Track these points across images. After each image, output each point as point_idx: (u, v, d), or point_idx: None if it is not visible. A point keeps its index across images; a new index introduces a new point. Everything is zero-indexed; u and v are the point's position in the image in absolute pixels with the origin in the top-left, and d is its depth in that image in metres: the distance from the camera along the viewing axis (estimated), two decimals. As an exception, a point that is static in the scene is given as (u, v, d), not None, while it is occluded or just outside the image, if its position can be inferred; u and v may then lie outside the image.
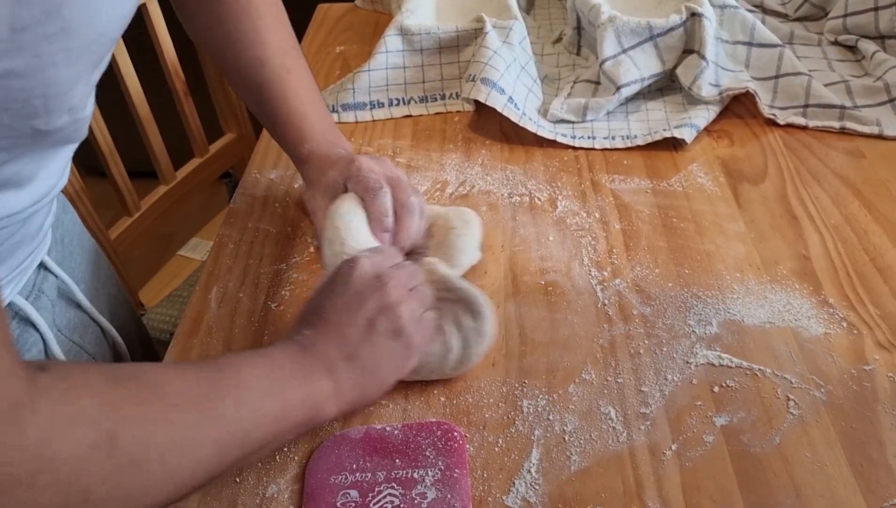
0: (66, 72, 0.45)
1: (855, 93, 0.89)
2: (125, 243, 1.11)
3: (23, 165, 0.51)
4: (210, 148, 1.26)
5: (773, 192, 0.78)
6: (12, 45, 0.40)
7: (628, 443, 0.54)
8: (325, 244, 0.64)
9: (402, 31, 0.94)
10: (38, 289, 0.66)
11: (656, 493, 0.51)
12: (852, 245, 0.70)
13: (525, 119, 0.86)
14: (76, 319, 0.70)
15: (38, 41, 0.42)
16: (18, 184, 0.53)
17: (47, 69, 0.43)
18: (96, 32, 0.46)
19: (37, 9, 0.40)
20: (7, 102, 0.43)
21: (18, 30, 0.40)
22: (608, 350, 0.61)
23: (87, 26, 0.45)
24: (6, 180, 0.51)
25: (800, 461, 0.52)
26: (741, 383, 0.58)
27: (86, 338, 0.71)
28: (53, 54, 0.43)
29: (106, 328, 0.74)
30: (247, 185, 0.83)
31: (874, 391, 0.57)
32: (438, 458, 0.52)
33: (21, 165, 0.51)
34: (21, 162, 0.51)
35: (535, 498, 0.51)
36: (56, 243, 0.70)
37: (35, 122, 0.46)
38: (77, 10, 0.43)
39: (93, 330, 0.73)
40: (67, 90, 0.47)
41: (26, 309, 0.62)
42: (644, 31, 0.88)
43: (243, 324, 0.65)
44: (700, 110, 0.87)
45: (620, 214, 0.75)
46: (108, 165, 1.06)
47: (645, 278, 0.68)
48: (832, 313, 0.63)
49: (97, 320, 0.73)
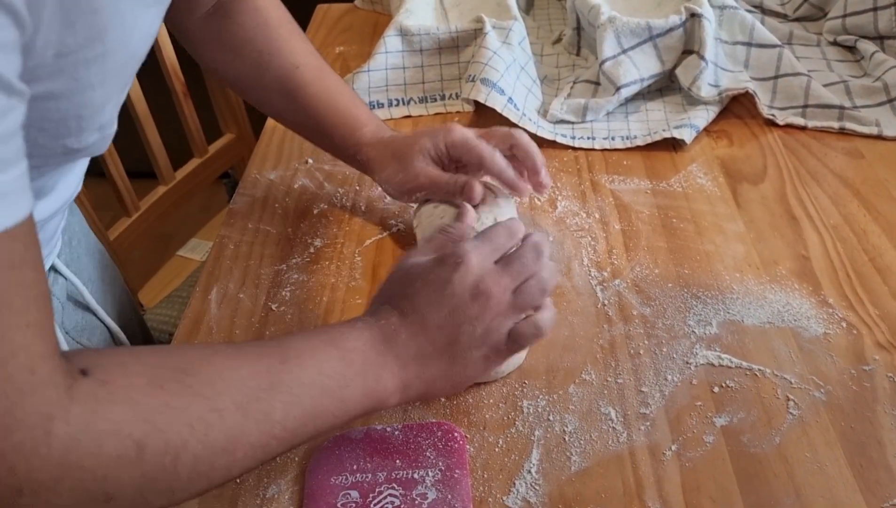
0: (101, 93, 0.46)
1: (854, 93, 0.89)
2: (125, 243, 1.11)
3: (48, 177, 0.52)
4: (209, 148, 1.26)
5: (773, 192, 0.78)
6: (54, 69, 0.40)
7: (628, 443, 0.54)
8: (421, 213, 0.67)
9: (401, 32, 0.94)
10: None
11: (656, 493, 0.51)
12: (851, 245, 0.70)
13: (525, 119, 0.86)
14: (84, 321, 0.71)
15: (78, 65, 0.42)
16: (40, 194, 0.53)
17: (85, 91, 0.44)
18: (128, 53, 0.47)
19: (82, 35, 0.41)
20: (42, 123, 0.43)
21: (63, 55, 0.40)
22: (608, 351, 0.61)
23: (123, 48, 0.45)
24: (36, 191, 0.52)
25: (800, 461, 0.52)
26: (741, 383, 0.58)
27: (93, 340, 0.71)
28: (91, 77, 0.43)
29: (114, 330, 0.74)
30: (246, 185, 0.83)
31: (874, 391, 0.57)
32: (439, 459, 0.52)
33: (46, 178, 0.52)
34: (47, 175, 0.51)
35: (536, 499, 0.51)
36: (65, 245, 0.70)
37: (67, 141, 0.47)
38: (117, 34, 0.43)
39: (100, 331, 0.73)
40: (99, 110, 0.47)
41: None
42: (643, 31, 0.88)
43: (244, 325, 0.65)
44: (699, 111, 0.87)
45: (620, 214, 0.76)
46: (107, 166, 1.06)
47: (645, 278, 0.68)
48: (832, 313, 0.63)
49: (105, 321, 0.73)
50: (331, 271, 0.71)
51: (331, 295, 0.68)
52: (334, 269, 0.71)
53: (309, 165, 0.85)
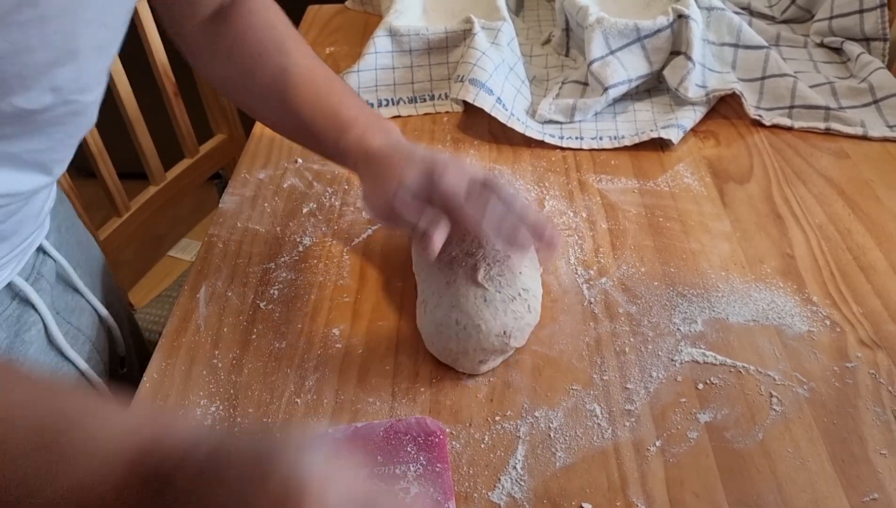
0: (45, 55, 0.45)
1: (840, 94, 0.90)
2: (115, 243, 1.11)
3: (14, 144, 0.51)
4: (200, 149, 1.26)
5: (759, 191, 0.78)
6: None
7: (613, 440, 0.55)
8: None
9: (391, 32, 0.94)
10: (38, 272, 0.67)
11: (640, 488, 0.51)
12: (836, 244, 0.71)
13: (513, 120, 0.86)
14: (73, 302, 0.71)
15: (11, 28, 0.42)
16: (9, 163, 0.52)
17: (21, 54, 0.43)
18: (77, 19, 0.46)
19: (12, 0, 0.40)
20: None
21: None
22: (594, 348, 0.62)
23: (66, 13, 0.45)
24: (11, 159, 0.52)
25: (782, 456, 0.53)
26: (725, 380, 0.58)
27: (82, 321, 0.72)
28: (29, 40, 0.43)
29: (102, 315, 0.75)
30: (236, 185, 0.83)
31: (856, 387, 0.57)
32: (420, 453, 0.53)
33: (13, 145, 0.51)
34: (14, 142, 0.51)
35: (521, 494, 0.51)
36: (54, 229, 0.70)
37: (14, 99, 0.46)
38: (55, 1, 0.43)
39: (89, 314, 0.73)
40: (45, 72, 0.47)
41: (26, 290, 0.63)
42: (632, 32, 0.89)
43: (232, 323, 0.66)
44: (687, 111, 0.88)
45: (607, 213, 0.76)
46: (97, 166, 1.06)
47: (631, 276, 0.68)
48: (815, 311, 0.64)
49: (93, 304, 0.73)
50: (319, 269, 0.71)
51: (319, 293, 0.68)
52: (322, 267, 0.71)
53: (298, 165, 0.85)
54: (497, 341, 0.58)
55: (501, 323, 0.58)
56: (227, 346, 0.63)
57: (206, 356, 0.63)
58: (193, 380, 0.61)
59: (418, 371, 0.60)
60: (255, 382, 0.60)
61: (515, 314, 0.58)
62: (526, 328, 0.60)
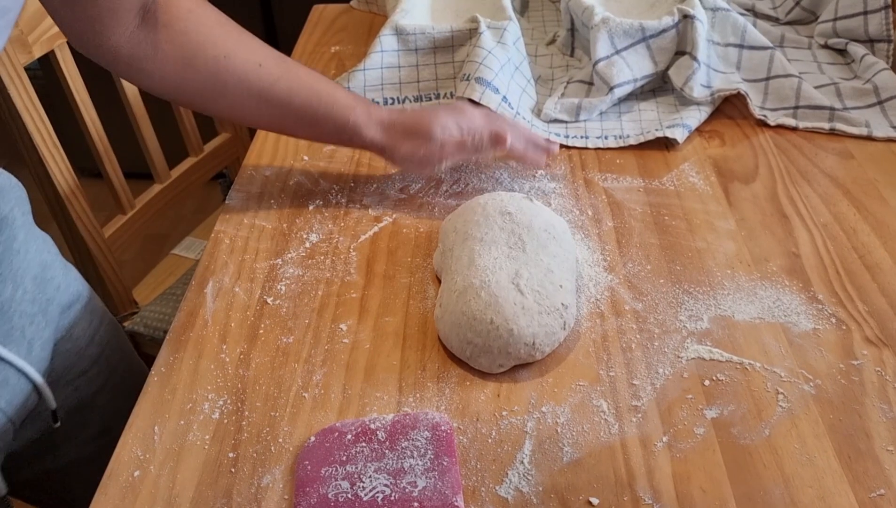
0: None
1: (844, 95, 0.90)
2: (119, 241, 1.11)
3: None
4: (205, 147, 1.26)
5: (764, 191, 0.79)
6: None
7: (620, 435, 0.55)
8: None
9: (397, 31, 0.94)
10: None
11: (647, 483, 0.51)
12: (841, 243, 0.71)
13: (518, 118, 0.86)
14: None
15: None
16: None
17: None
18: None
19: None
20: None
21: None
22: (600, 345, 0.62)
23: None
24: None
25: (789, 452, 0.53)
26: (731, 376, 0.59)
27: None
28: None
29: (20, 367, 0.64)
30: (242, 181, 0.83)
31: (862, 384, 0.58)
32: (427, 447, 0.53)
33: None
34: None
35: (528, 489, 0.51)
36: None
37: None
38: None
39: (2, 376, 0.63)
40: None
41: None
42: (637, 32, 0.89)
43: (239, 318, 0.66)
44: (692, 111, 0.88)
45: (613, 211, 0.76)
46: (103, 165, 1.06)
47: (637, 274, 0.68)
48: (821, 309, 0.64)
49: (8, 359, 0.63)
50: (326, 265, 0.71)
51: (326, 289, 0.68)
52: (329, 264, 0.71)
53: (304, 162, 0.85)
54: (524, 349, 0.58)
55: (532, 333, 0.58)
56: (234, 341, 0.64)
57: (213, 350, 0.63)
58: (201, 374, 0.61)
59: (425, 366, 0.61)
60: (263, 376, 0.60)
61: (548, 329, 0.59)
62: (555, 342, 0.60)
